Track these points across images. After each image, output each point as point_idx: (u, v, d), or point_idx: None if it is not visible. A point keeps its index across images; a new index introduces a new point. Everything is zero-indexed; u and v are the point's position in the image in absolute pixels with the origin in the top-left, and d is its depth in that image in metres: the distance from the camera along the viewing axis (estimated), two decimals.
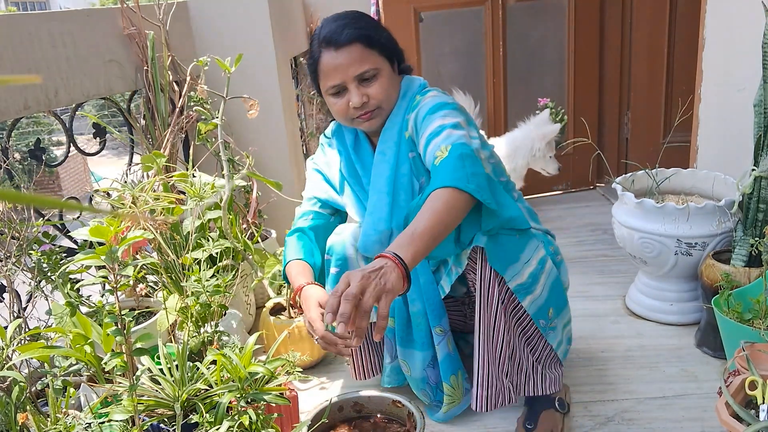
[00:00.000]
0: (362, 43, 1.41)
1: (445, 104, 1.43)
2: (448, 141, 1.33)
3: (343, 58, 1.41)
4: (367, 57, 1.42)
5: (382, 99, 1.46)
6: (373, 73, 1.43)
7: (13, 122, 1.61)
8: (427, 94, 1.48)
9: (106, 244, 1.13)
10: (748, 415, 1.14)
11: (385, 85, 1.45)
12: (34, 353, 1.26)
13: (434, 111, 1.41)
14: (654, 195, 2.01)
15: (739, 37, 1.95)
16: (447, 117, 1.40)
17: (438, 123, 1.38)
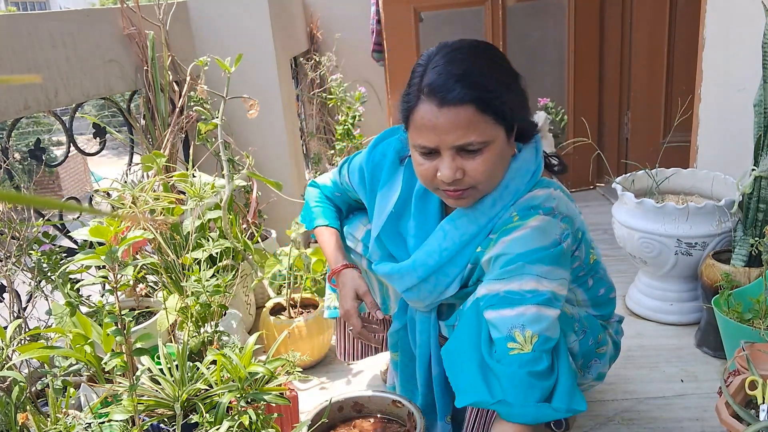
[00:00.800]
0: (476, 106, 1.08)
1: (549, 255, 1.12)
2: (537, 328, 1.08)
3: (445, 119, 1.09)
4: (476, 125, 1.09)
5: (481, 180, 1.14)
6: (479, 147, 1.11)
7: (13, 122, 1.61)
8: (531, 220, 1.14)
9: (106, 244, 1.13)
10: (748, 415, 1.14)
11: (491, 162, 1.12)
12: (34, 353, 1.26)
13: (533, 261, 1.11)
14: (654, 195, 2.01)
15: (739, 37, 1.95)
16: (545, 280, 1.11)
17: (532, 284, 1.11)
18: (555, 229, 1.15)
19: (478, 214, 1.21)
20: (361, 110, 2.94)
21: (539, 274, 1.11)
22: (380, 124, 3.50)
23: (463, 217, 1.23)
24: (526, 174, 1.21)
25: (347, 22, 3.48)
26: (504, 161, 1.17)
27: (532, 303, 1.09)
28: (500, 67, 1.15)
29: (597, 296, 1.38)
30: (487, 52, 1.16)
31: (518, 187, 1.20)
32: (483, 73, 1.10)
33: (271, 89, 2.35)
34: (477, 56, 1.13)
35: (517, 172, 1.20)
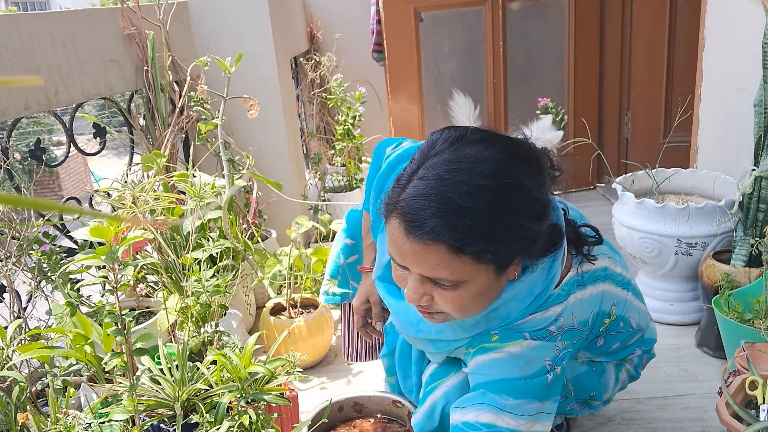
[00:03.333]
0: (447, 247, 0.90)
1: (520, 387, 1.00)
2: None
3: (412, 250, 0.93)
4: (448, 264, 0.92)
5: (453, 310, 0.98)
6: (452, 284, 0.95)
7: (13, 122, 1.61)
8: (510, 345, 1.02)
9: (106, 244, 1.13)
10: (748, 415, 1.14)
11: (468, 299, 0.96)
12: (34, 353, 1.26)
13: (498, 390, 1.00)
14: (654, 195, 2.01)
15: (739, 37, 1.95)
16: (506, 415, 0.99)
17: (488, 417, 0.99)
18: (545, 353, 1.02)
19: (456, 327, 1.10)
20: (361, 110, 2.94)
21: (501, 407, 0.99)
22: (380, 124, 3.50)
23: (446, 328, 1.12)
24: (525, 298, 1.03)
25: (347, 22, 3.48)
26: (488, 296, 0.99)
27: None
28: (508, 198, 0.92)
29: (608, 350, 1.26)
30: (500, 176, 0.92)
31: (509, 312, 1.04)
32: (475, 214, 0.90)
33: (271, 89, 2.35)
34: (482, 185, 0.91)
35: (513, 296, 1.03)
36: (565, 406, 1.27)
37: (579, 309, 1.09)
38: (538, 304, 1.04)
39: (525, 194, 0.95)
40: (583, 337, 1.12)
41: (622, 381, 1.36)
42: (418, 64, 3.09)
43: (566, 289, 1.07)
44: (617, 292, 1.19)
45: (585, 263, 1.12)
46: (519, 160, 0.96)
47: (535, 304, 1.04)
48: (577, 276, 1.10)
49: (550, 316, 1.04)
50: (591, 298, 1.11)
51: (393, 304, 1.23)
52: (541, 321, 1.04)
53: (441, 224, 0.89)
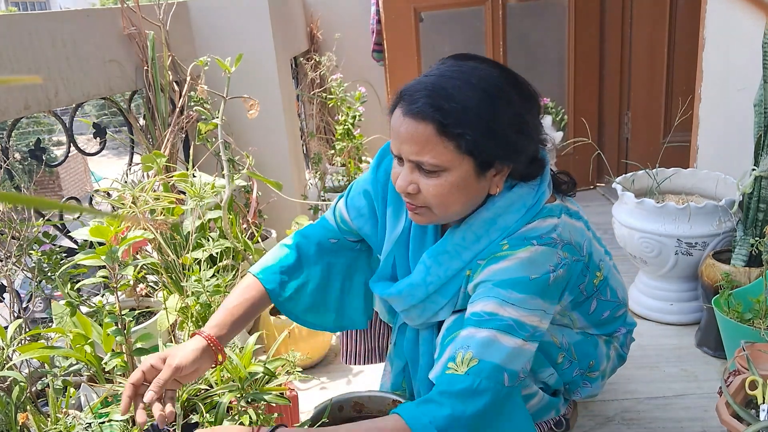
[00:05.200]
0: (435, 128, 1.02)
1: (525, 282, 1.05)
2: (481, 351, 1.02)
3: (406, 129, 1.04)
4: (433, 147, 1.02)
5: (433, 203, 1.08)
6: (434, 170, 1.05)
7: (13, 122, 1.61)
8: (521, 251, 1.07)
9: (106, 244, 1.13)
10: (748, 414, 1.14)
11: (445, 189, 1.05)
12: (34, 353, 1.26)
13: (504, 285, 1.05)
14: (654, 195, 2.01)
15: (739, 37, 1.95)
16: (509, 306, 1.04)
17: (492, 306, 1.04)
18: (549, 259, 1.08)
19: (461, 249, 1.15)
20: (361, 110, 2.94)
21: (505, 298, 1.04)
22: (380, 124, 3.50)
23: (445, 254, 1.17)
24: (519, 209, 1.12)
25: (347, 22, 3.48)
26: (466, 193, 1.08)
27: (487, 327, 1.03)
28: (495, 104, 1.04)
29: (600, 319, 1.32)
30: (491, 83, 1.05)
31: (508, 223, 1.12)
32: (461, 100, 1.02)
33: (271, 89, 2.35)
34: (473, 82, 1.04)
35: (508, 208, 1.12)
36: (571, 372, 1.29)
37: (573, 231, 1.15)
38: (533, 214, 1.12)
39: (511, 105, 1.06)
40: (582, 261, 1.16)
41: (612, 360, 1.38)
42: (418, 64, 3.09)
43: (556, 209, 1.14)
44: (594, 242, 1.26)
45: (566, 199, 1.22)
46: (511, 82, 1.08)
47: (530, 214, 1.12)
48: (563, 205, 1.17)
49: (549, 225, 1.11)
50: (579, 229, 1.18)
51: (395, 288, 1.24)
52: (542, 229, 1.10)
53: (430, 103, 1.02)
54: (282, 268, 1.31)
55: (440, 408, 1.00)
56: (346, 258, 1.39)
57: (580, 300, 1.26)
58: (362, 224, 1.32)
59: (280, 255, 1.33)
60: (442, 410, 1.00)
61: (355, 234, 1.36)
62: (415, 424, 0.99)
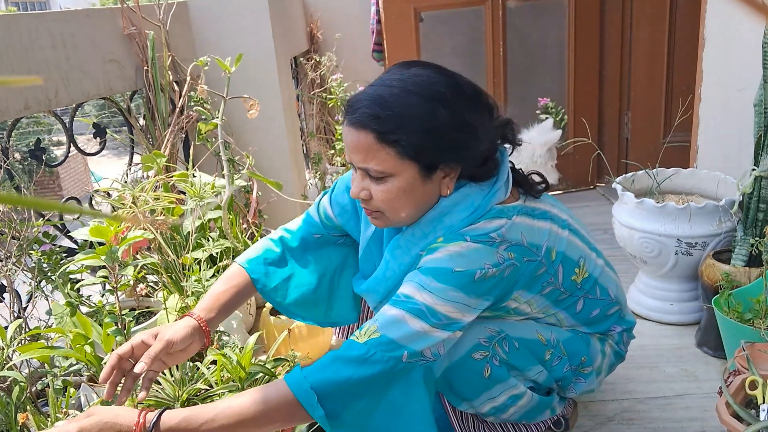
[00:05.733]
0: (375, 136, 1.07)
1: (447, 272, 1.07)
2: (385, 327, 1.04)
3: (351, 139, 1.10)
4: (375, 154, 1.08)
5: (383, 208, 1.13)
6: (379, 176, 1.10)
7: (13, 122, 1.61)
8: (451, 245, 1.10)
9: (106, 244, 1.13)
10: (748, 414, 1.14)
11: (392, 194, 1.10)
12: (34, 353, 1.26)
13: (426, 273, 1.08)
14: (654, 195, 2.01)
15: (739, 37, 1.95)
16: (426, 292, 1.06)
17: (410, 290, 1.08)
18: (483, 257, 1.09)
19: (411, 245, 1.19)
20: None
21: (424, 284, 1.07)
22: None
23: (398, 248, 1.21)
24: (465, 209, 1.14)
25: (347, 22, 3.48)
26: (414, 197, 1.11)
27: (399, 306, 1.06)
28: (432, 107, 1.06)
29: (589, 317, 1.33)
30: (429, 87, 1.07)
31: (452, 222, 1.14)
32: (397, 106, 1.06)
33: (271, 89, 2.35)
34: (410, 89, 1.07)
35: (453, 207, 1.15)
36: (561, 368, 1.30)
37: (529, 232, 1.16)
38: (479, 215, 1.14)
39: (450, 107, 1.07)
40: (536, 261, 1.17)
41: (608, 356, 1.37)
42: None
43: (511, 210, 1.16)
44: (573, 240, 1.26)
45: (530, 199, 1.22)
46: (453, 84, 1.10)
47: (476, 215, 1.14)
48: (522, 206, 1.19)
49: (492, 226, 1.13)
50: (540, 229, 1.19)
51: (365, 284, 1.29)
52: (483, 229, 1.13)
53: (368, 113, 1.06)
54: (267, 260, 1.34)
55: (324, 372, 1.02)
56: (334, 253, 1.42)
57: (560, 298, 1.26)
58: (346, 220, 1.36)
59: (265, 247, 1.36)
60: (325, 374, 1.02)
61: (339, 229, 1.39)
62: (298, 389, 1.01)
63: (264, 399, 1.01)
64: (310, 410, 1.00)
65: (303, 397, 1.00)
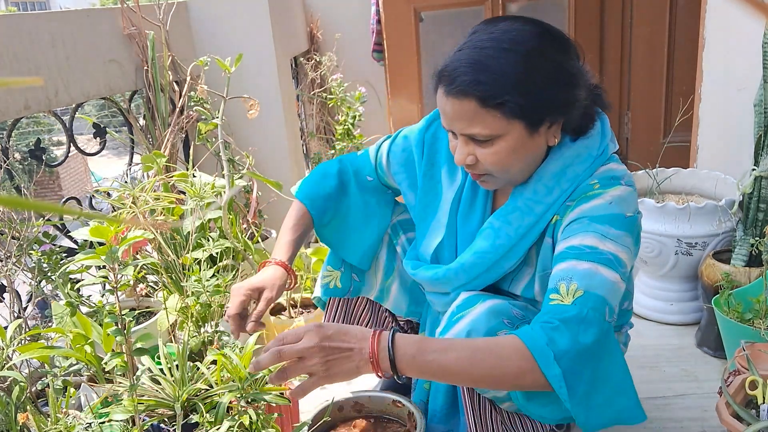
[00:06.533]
0: (478, 102, 1.04)
1: (621, 218, 1.05)
2: (585, 283, 1.00)
3: (451, 108, 1.08)
4: (481, 118, 1.05)
5: (493, 169, 1.11)
6: (487, 139, 1.07)
7: (13, 122, 1.61)
8: (613, 189, 1.08)
9: (106, 244, 1.13)
10: (748, 414, 1.14)
11: (503, 154, 1.08)
12: (34, 353, 1.26)
13: (602, 221, 1.05)
14: (654, 195, 2.01)
15: (739, 36, 1.95)
16: (608, 241, 1.03)
17: (592, 240, 1.03)
18: (635, 202, 1.10)
19: (533, 203, 1.15)
20: (361, 110, 2.94)
21: (604, 233, 1.03)
22: (380, 124, 3.50)
23: (516, 211, 1.16)
24: (587, 159, 1.13)
25: (347, 22, 3.48)
26: (523, 153, 1.09)
27: (588, 259, 1.01)
28: (531, 62, 1.04)
29: (621, 308, 1.32)
30: (524, 42, 1.05)
31: (577, 173, 1.12)
32: (497, 68, 1.03)
33: (271, 89, 2.35)
34: (506, 47, 1.04)
35: (576, 158, 1.13)
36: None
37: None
38: (603, 161, 1.13)
39: (548, 60, 1.06)
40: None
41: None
42: (418, 64, 3.09)
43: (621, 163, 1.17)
44: None
45: None
46: (545, 35, 1.08)
47: (599, 161, 1.13)
48: None
49: (623, 170, 1.13)
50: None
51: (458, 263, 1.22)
52: (622, 172, 1.12)
53: (468, 80, 1.03)
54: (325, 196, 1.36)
55: (555, 332, 0.96)
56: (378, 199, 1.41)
57: None
58: (399, 176, 1.35)
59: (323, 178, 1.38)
60: (557, 334, 0.95)
61: (387, 181, 1.39)
62: (533, 345, 0.95)
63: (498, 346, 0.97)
64: (545, 367, 0.94)
65: (539, 354, 0.94)
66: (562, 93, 1.08)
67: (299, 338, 0.97)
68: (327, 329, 0.97)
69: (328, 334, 0.97)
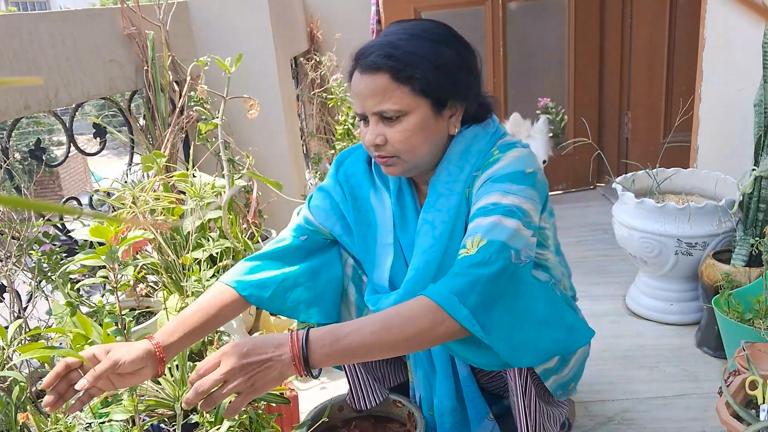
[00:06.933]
0: (390, 75, 1.12)
1: (521, 174, 1.13)
2: (488, 233, 1.06)
3: (365, 85, 1.15)
4: (391, 93, 1.13)
5: (401, 149, 1.16)
6: (396, 115, 1.14)
7: (14, 122, 1.61)
8: (510, 152, 1.17)
9: (106, 244, 1.13)
10: (748, 414, 1.14)
11: (409, 132, 1.14)
12: (34, 353, 1.26)
13: (503, 180, 1.13)
14: (654, 195, 2.01)
15: (739, 36, 1.95)
16: (510, 195, 1.11)
17: (495, 198, 1.11)
18: (534, 161, 1.18)
19: (451, 183, 1.21)
20: None
21: (506, 190, 1.12)
22: None
23: (440, 197, 1.22)
24: (485, 137, 1.22)
25: (347, 22, 3.48)
26: (428, 134, 1.17)
27: (491, 214, 1.09)
28: (437, 46, 1.15)
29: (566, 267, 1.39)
30: (431, 32, 1.16)
31: (480, 147, 1.21)
32: (407, 47, 1.13)
33: (271, 89, 2.35)
34: (415, 33, 1.15)
35: (476, 136, 1.22)
36: None
37: None
38: (499, 136, 1.23)
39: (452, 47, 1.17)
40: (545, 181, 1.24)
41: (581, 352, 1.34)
42: None
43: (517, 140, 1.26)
44: None
45: None
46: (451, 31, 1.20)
47: (496, 137, 1.23)
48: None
49: (517, 139, 1.23)
50: None
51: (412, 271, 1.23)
52: (514, 139, 1.22)
53: (382, 54, 1.13)
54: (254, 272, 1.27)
55: (457, 278, 1.03)
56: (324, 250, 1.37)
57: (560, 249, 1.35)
58: (329, 222, 1.33)
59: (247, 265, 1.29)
60: (458, 279, 1.03)
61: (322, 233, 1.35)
62: (437, 296, 1.01)
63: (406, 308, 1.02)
64: (454, 312, 1.00)
65: (444, 301, 1.00)
66: (464, 77, 1.17)
67: (217, 364, 0.96)
68: (243, 346, 0.97)
69: (245, 351, 0.96)
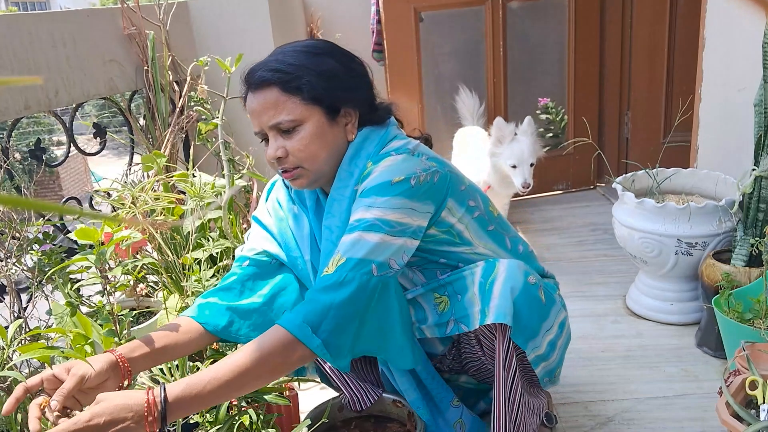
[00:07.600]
0: (279, 87, 1.17)
1: (386, 185, 1.13)
2: (348, 251, 1.09)
3: (257, 102, 1.19)
4: (283, 105, 1.17)
5: (302, 158, 1.19)
6: (292, 126, 1.18)
7: (14, 122, 1.61)
8: (382, 162, 1.18)
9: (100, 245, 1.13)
10: (748, 414, 1.14)
11: (307, 140, 1.18)
12: (34, 353, 1.26)
13: (367, 194, 1.14)
14: (654, 195, 2.01)
15: (739, 36, 1.95)
16: (374, 209, 1.12)
17: (359, 214, 1.13)
18: (412, 165, 1.17)
19: (342, 189, 1.23)
20: None
21: (369, 204, 1.13)
22: None
23: (334, 202, 1.24)
24: (374, 140, 1.24)
25: (347, 22, 3.48)
26: (326, 141, 1.20)
27: (353, 231, 1.12)
28: (320, 57, 1.20)
29: (519, 254, 1.36)
30: (314, 46, 1.22)
31: (368, 151, 1.23)
32: (292, 60, 1.18)
33: None
34: (298, 49, 1.21)
35: (364, 142, 1.24)
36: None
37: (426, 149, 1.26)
38: (388, 139, 1.25)
39: (334, 56, 1.22)
40: (455, 173, 1.26)
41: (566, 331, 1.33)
42: (418, 64, 3.09)
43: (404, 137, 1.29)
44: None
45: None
46: (336, 47, 1.25)
47: (384, 140, 1.24)
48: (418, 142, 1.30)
49: (404, 143, 1.24)
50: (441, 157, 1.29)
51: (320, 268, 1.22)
52: (399, 145, 1.23)
53: (268, 69, 1.18)
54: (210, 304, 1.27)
55: (310, 305, 1.07)
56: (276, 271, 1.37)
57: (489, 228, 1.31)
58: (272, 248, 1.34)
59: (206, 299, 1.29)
60: (312, 306, 1.06)
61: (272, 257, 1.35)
62: (291, 326, 1.04)
63: (259, 346, 1.03)
64: (307, 341, 1.03)
65: (298, 331, 1.03)
66: (350, 84, 1.22)
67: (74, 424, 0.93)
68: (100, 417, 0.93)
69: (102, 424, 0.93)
